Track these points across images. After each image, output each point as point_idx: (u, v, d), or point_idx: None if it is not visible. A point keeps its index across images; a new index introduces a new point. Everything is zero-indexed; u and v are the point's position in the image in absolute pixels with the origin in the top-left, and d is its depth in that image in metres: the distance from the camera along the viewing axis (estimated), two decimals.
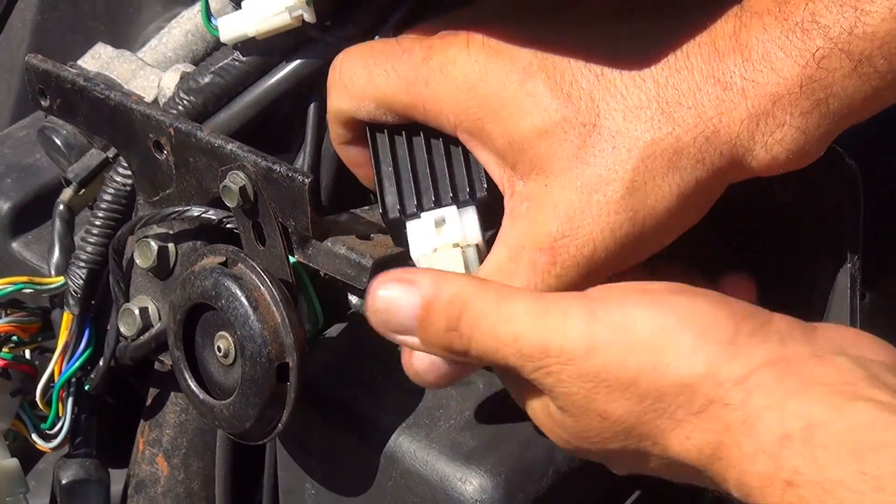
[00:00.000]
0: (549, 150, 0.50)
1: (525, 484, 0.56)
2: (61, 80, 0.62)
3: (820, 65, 0.47)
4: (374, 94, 0.54)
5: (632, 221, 0.49)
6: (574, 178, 0.50)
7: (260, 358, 0.55)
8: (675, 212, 0.50)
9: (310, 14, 0.58)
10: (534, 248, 0.51)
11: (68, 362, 0.66)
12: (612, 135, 0.49)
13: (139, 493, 0.71)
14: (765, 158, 0.49)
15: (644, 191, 0.49)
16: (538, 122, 0.50)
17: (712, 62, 0.48)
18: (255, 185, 0.56)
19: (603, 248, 0.50)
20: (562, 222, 0.50)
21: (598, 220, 0.50)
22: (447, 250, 0.54)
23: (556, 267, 0.50)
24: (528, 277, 0.51)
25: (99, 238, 0.65)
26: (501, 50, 0.52)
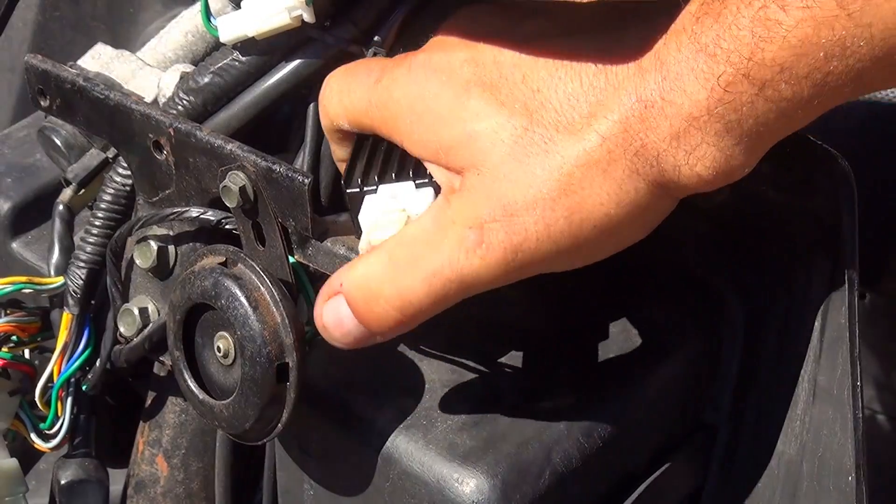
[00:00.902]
0: (482, 149, 0.51)
1: (522, 484, 0.56)
2: (61, 80, 0.62)
3: (726, 89, 0.47)
4: (345, 115, 0.56)
5: (567, 221, 0.50)
6: (509, 172, 0.50)
7: (260, 358, 0.55)
8: (616, 220, 0.50)
9: (309, 14, 0.58)
10: (464, 225, 0.50)
11: (68, 362, 0.66)
12: (545, 140, 0.50)
13: (139, 493, 0.72)
14: (692, 176, 0.49)
15: (581, 195, 0.49)
16: (469, 127, 0.51)
17: (636, 80, 0.49)
18: (254, 185, 0.56)
19: (535, 239, 0.50)
20: (495, 207, 0.50)
21: (532, 212, 0.50)
22: (394, 213, 0.54)
23: (483, 248, 0.50)
24: (452, 252, 0.50)
25: (98, 238, 0.65)
26: (440, 69, 0.53)
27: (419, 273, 0.51)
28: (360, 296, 0.52)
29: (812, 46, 0.45)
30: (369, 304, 0.52)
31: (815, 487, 0.62)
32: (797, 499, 0.63)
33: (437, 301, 0.51)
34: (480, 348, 0.62)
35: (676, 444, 0.65)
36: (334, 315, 0.53)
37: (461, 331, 0.63)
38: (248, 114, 0.62)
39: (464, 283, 0.51)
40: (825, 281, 0.60)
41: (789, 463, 0.64)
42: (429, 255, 0.51)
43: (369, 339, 0.53)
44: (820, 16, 0.44)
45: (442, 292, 0.51)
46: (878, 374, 1.04)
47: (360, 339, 0.53)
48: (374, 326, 0.53)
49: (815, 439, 0.62)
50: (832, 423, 0.61)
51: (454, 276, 0.51)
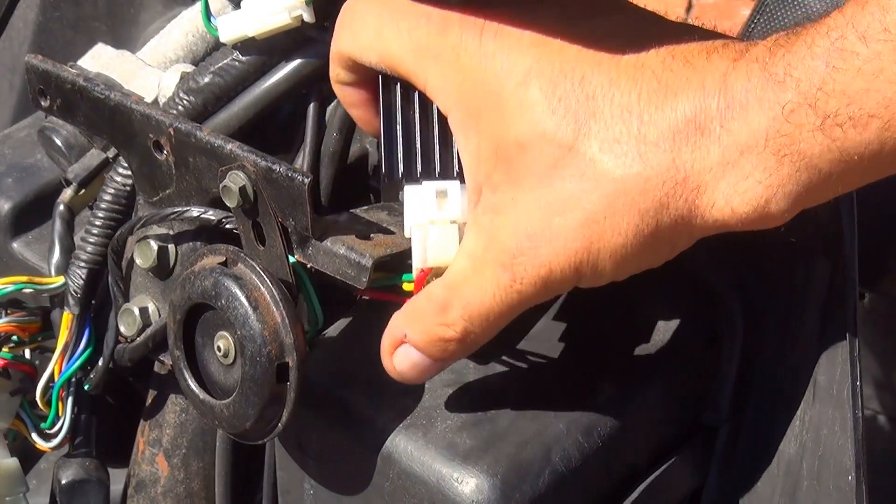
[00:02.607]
0: (525, 165, 0.50)
1: (522, 484, 0.56)
2: (61, 81, 0.62)
3: (788, 119, 0.46)
4: (381, 50, 0.54)
5: (587, 251, 0.50)
6: (540, 197, 0.50)
7: (260, 358, 0.55)
8: (632, 251, 0.50)
9: (309, 14, 0.59)
10: (496, 263, 0.51)
11: (68, 362, 0.66)
12: (584, 162, 0.49)
13: (139, 492, 0.72)
14: (724, 210, 0.49)
15: (603, 224, 0.49)
16: (520, 132, 0.50)
17: (696, 102, 0.48)
18: (254, 184, 0.56)
19: (559, 271, 0.51)
20: (521, 240, 0.51)
21: (554, 244, 0.50)
22: (444, 226, 0.54)
23: (517, 284, 0.51)
24: (494, 291, 0.52)
25: (99, 238, 0.65)
26: (510, 46, 0.51)
27: (475, 316, 0.52)
28: (429, 343, 0.54)
29: (886, 82, 0.44)
30: (441, 347, 0.54)
31: (815, 487, 0.62)
32: (797, 499, 0.63)
33: (490, 331, 0.53)
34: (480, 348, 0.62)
35: (676, 443, 0.65)
36: (407, 362, 0.55)
37: None
38: (248, 114, 0.62)
39: (511, 310, 0.52)
40: (825, 281, 0.60)
41: (789, 463, 0.64)
42: (475, 299, 0.52)
43: (444, 366, 0.56)
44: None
45: (495, 323, 0.53)
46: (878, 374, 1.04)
47: (437, 369, 0.55)
48: (447, 358, 0.55)
49: (815, 439, 0.62)
50: (832, 423, 0.61)
51: (501, 310, 0.52)
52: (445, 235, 0.54)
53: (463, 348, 0.54)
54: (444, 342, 0.53)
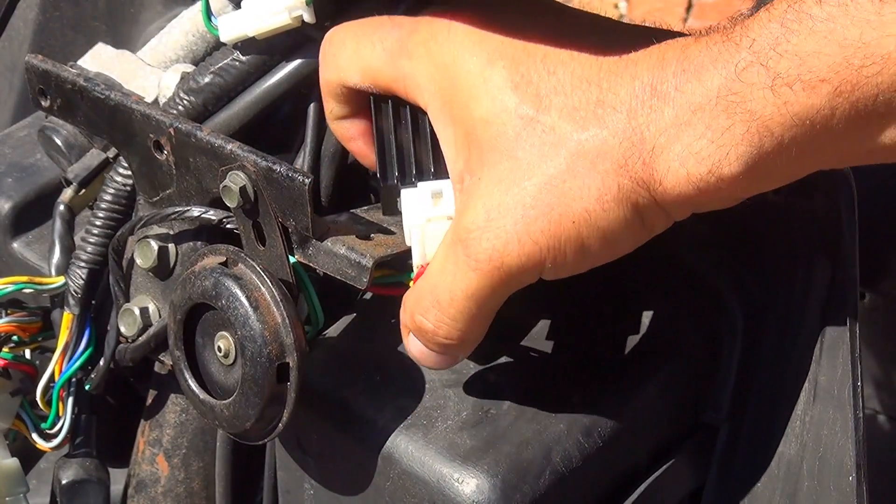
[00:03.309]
0: (490, 141, 0.51)
1: (522, 484, 0.56)
2: (61, 80, 0.62)
3: (740, 77, 0.46)
4: (360, 66, 0.56)
5: (547, 217, 0.49)
6: (502, 172, 0.50)
7: (260, 358, 0.55)
8: (596, 220, 0.49)
9: (309, 14, 0.59)
10: (455, 242, 0.51)
11: (68, 362, 0.66)
12: (543, 130, 0.50)
13: (139, 492, 0.72)
14: (680, 173, 0.48)
15: (562, 188, 0.49)
16: (485, 110, 0.51)
17: (655, 71, 0.49)
18: (255, 185, 0.56)
19: (516, 240, 0.50)
20: (478, 215, 0.50)
21: (512, 213, 0.50)
22: (441, 221, 0.55)
23: (472, 259, 0.51)
24: (454, 272, 0.52)
25: (99, 238, 0.65)
26: (476, 34, 0.53)
27: (441, 301, 0.52)
28: (416, 333, 0.54)
29: (837, 45, 0.45)
30: (426, 338, 0.54)
31: (815, 487, 0.62)
32: (797, 499, 0.63)
33: (472, 319, 0.53)
34: (480, 348, 0.62)
35: (676, 443, 0.65)
36: (416, 348, 0.55)
37: None
38: (248, 114, 0.62)
39: (478, 297, 0.52)
40: (825, 281, 0.60)
41: (789, 463, 0.64)
42: (439, 281, 0.52)
43: (455, 358, 0.56)
44: (854, 14, 0.44)
45: (468, 311, 0.52)
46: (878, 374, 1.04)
47: (449, 360, 0.56)
48: (447, 352, 0.55)
49: (815, 439, 0.62)
50: (832, 423, 0.61)
51: (465, 294, 0.52)
52: (442, 231, 0.55)
53: (445, 340, 0.54)
54: (425, 333, 0.54)
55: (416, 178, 0.56)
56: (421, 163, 0.57)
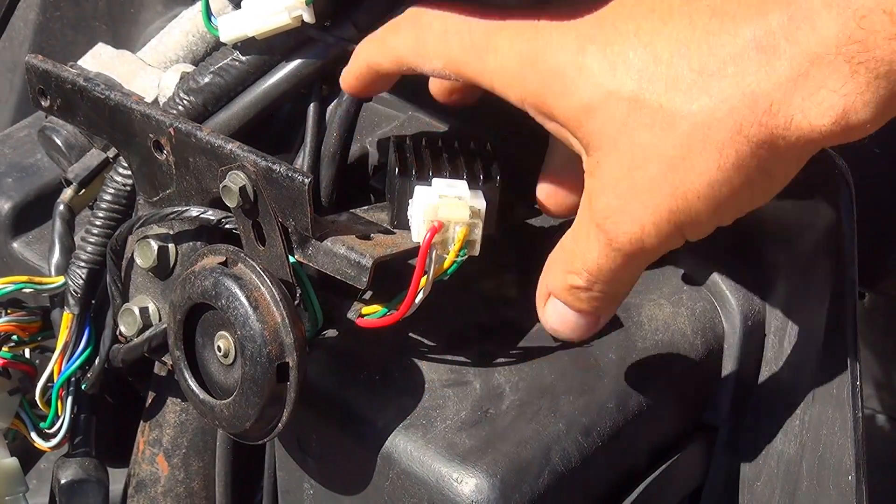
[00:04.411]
0: (597, 127, 0.50)
1: (521, 484, 0.56)
2: (61, 81, 0.62)
3: (860, 24, 0.44)
4: (446, 55, 0.55)
5: (673, 198, 0.49)
6: (620, 155, 0.50)
7: (260, 358, 0.55)
8: (722, 189, 0.49)
9: (309, 14, 0.59)
10: (593, 224, 0.52)
11: (68, 362, 0.66)
12: (652, 109, 0.49)
13: (139, 492, 0.72)
14: (803, 125, 0.46)
15: (683, 167, 0.48)
16: (585, 98, 0.50)
17: (756, 23, 0.46)
18: (254, 184, 0.56)
19: (652, 225, 0.50)
20: (610, 200, 0.51)
21: (642, 198, 0.50)
22: (453, 200, 0.56)
23: (614, 243, 0.51)
24: (598, 252, 0.52)
25: (99, 238, 0.65)
26: (564, 23, 0.52)
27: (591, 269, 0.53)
28: (564, 291, 0.54)
29: None
30: (575, 295, 0.54)
31: (815, 487, 0.62)
32: (797, 498, 0.63)
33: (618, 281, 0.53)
34: (480, 348, 0.62)
35: (676, 443, 0.65)
36: (556, 315, 0.56)
37: (461, 331, 0.63)
38: (248, 114, 0.62)
39: (624, 267, 0.52)
40: (825, 281, 0.60)
41: (789, 463, 0.64)
42: (587, 254, 0.52)
43: (596, 323, 0.56)
44: None
45: (615, 279, 0.53)
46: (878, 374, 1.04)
47: (588, 326, 0.56)
48: (591, 311, 0.55)
49: (815, 439, 0.62)
50: (832, 423, 0.61)
51: (611, 268, 0.52)
52: (455, 202, 0.56)
53: (598, 301, 0.54)
54: (576, 290, 0.54)
55: (432, 173, 0.58)
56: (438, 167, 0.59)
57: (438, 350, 0.61)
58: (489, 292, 0.65)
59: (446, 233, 0.56)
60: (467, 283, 0.64)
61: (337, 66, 0.61)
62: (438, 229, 0.55)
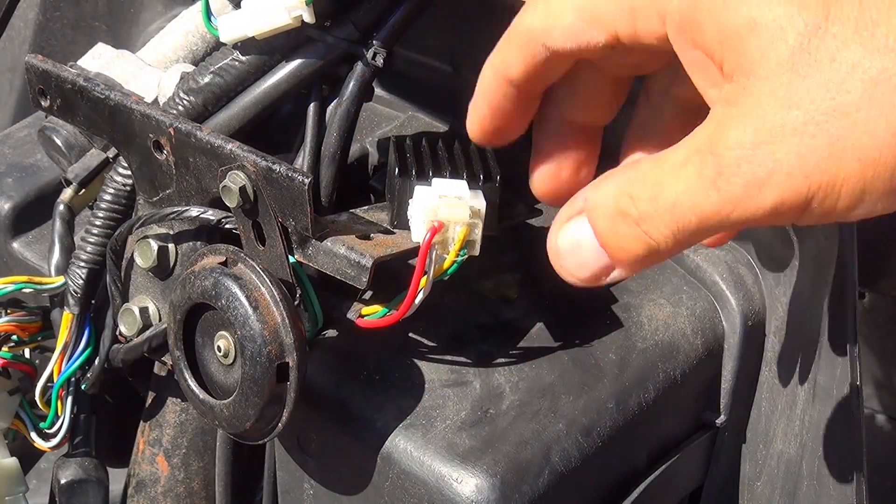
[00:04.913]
0: (759, 49, 0.42)
1: (521, 484, 0.56)
2: (61, 81, 0.62)
3: None
4: (577, 3, 0.47)
5: (829, 149, 0.41)
6: (778, 86, 0.42)
7: (260, 358, 0.55)
8: (883, 159, 0.41)
9: (309, 14, 0.59)
10: (706, 152, 0.43)
11: (68, 362, 0.66)
12: (835, 45, 0.41)
13: (139, 492, 0.72)
14: None
15: (854, 118, 0.41)
16: (754, 12, 0.42)
17: None
18: (254, 184, 0.56)
19: (784, 172, 0.41)
20: (745, 132, 0.42)
21: (788, 139, 0.41)
22: (453, 200, 0.56)
23: (721, 179, 0.42)
24: (690, 181, 0.43)
25: (99, 238, 0.65)
26: None
27: (661, 201, 0.44)
28: (604, 213, 0.46)
29: None
30: (614, 223, 0.45)
31: (815, 487, 0.62)
32: (797, 499, 0.63)
33: (679, 235, 0.44)
34: (480, 348, 0.62)
35: (676, 443, 0.65)
36: (572, 238, 0.47)
37: (461, 331, 0.63)
38: (248, 114, 0.62)
39: (703, 219, 0.43)
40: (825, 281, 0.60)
41: (789, 463, 0.64)
42: (669, 182, 0.44)
43: (605, 272, 0.47)
44: None
45: (683, 226, 0.44)
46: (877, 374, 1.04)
47: (596, 271, 0.47)
48: (616, 253, 0.46)
49: (815, 439, 0.62)
50: (832, 423, 0.61)
51: (691, 209, 0.43)
52: (455, 202, 0.56)
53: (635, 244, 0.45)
54: (621, 218, 0.45)
55: (431, 173, 0.58)
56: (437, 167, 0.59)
57: (438, 350, 0.61)
58: (489, 292, 0.65)
59: (446, 233, 0.55)
60: (467, 283, 0.64)
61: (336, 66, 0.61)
62: (438, 229, 0.55)
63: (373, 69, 0.61)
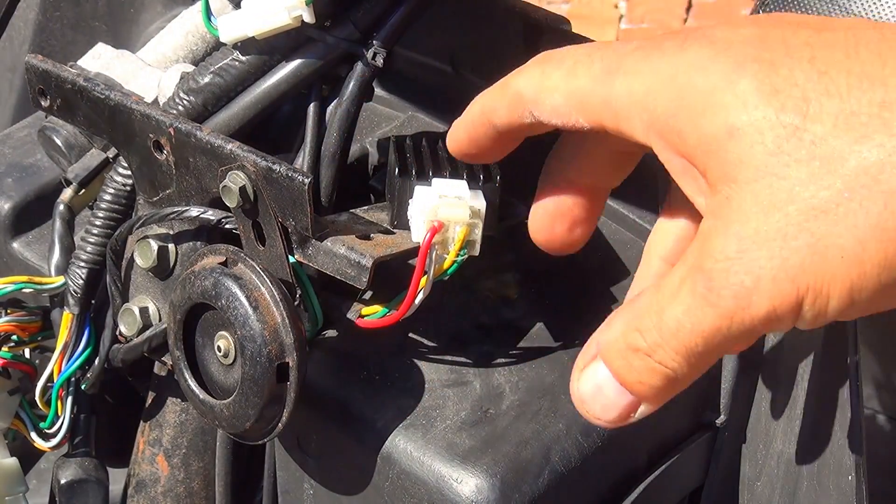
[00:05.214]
0: (739, 154, 0.42)
1: (521, 484, 0.56)
2: (61, 81, 0.62)
3: None
4: (568, 87, 0.47)
5: (811, 250, 0.40)
6: (759, 191, 0.41)
7: (260, 358, 0.55)
8: (869, 251, 0.40)
9: (309, 14, 0.59)
10: (697, 269, 0.42)
11: (68, 362, 0.66)
12: (812, 142, 0.40)
13: (139, 492, 0.72)
14: None
15: (833, 215, 0.40)
16: (732, 118, 0.42)
17: None
18: (254, 184, 0.56)
19: (770, 279, 0.41)
20: (729, 243, 0.41)
21: (770, 244, 0.40)
22: (452, 200, 0.56)
23: (713, 294, 0.42)
24: (689, 303, 0.42)
25: (99, 238, 0.65)
26: (719, 40, 0.43)
27: (665, 328, 0.44)
28: (617, 352, 0.45)
29: None
30: (627, 359, 0.45)
31: (815, 487, 0.62)
32: (797, 499, 0.63)
33: (690, 359, 0.44)
34: (480, 348, 0.62)
35: (676, 443, 0.65)
36: (593, 383, 0.46)
37: (461, 331, 0.63)
38: (248, 114, 0.62)
39: (706, 338, 0.43)
40: None
41: (789, 463, 0.64)
42: (670, 307, 0.43)
43: (632, 409, 0.47)
44: None
45: (691, 349, 0.43)
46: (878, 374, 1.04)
47: (622, 410, 0.46)
48: (637, 388, 0.45)
49: (815, 439, 0.62)
50: (832, 423, 0.61)
51: (693, 330, 0.43)
52: (455, 202, 0.56)
53: (652, 376, 0.45)
54: (634, 354, 0.45)
55: (432, 173, 0.58)
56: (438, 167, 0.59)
57: (438, 350, 0.61)
58: (489, 292, 0.65)
59: (446, 233, 0.56)
60: (467, 283, 0.64)
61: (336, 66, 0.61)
62: (438, 229, 0.55)
63: (373, 69, 0.61)
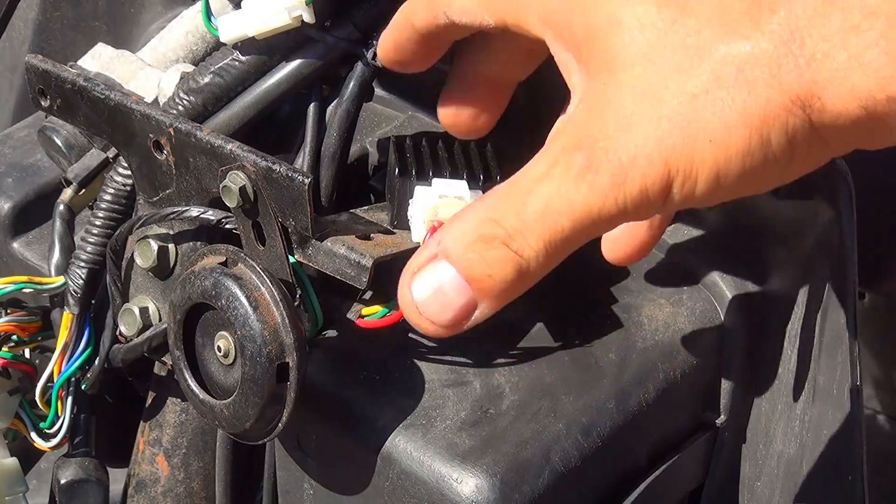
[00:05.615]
0: (620, 44, 0.44)
1: (521, 484, 0.56)
2: (61, 81, 0.62)
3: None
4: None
5: (682, 132, 0.42)
6: (635, 78, 0.44)
7: (260, 358, 0.55)
8: (735, 137, 0.42)
9: (309, 14, 0.59)
10: (573, 149, 0.44)
11: (68, 362, 0.66)
12: (686, 34, 0.43)
13: (139, 492, 0.72)
14: (843, 87, 0.41)
15: (704, 100, 0.42)
16: (616, 11, 0.44)
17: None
18: (254, 184, 0.56)
19: (645, 156, 0.43)
20: (607, 123, 0.43)
21: (645, 126, 0.43)
22: (452, 200, 0.56)
23: (591, 172, 0.43)
24: (561, 181, 0.44)
25: (99, 238, 0.65)
26: None
27: (529, 211, 0.44)
28: (466, 244, 0.45)
29: None
30: (479, 250, 0.45)
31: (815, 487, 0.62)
32: (797, 499, 0.63)
33: (550, 246, 0.44)
34: (480, 348, 0.62)
35: (676, 443, 0.65)
36: (433, 283, 0.45)
37: None
38: (248, 114, 0.62)
39: (575, 220, 0.44)
40: (825, 281, 0.60)
41: (789, 463, 0.64)
42: (537, 190, 0.44)
43: (469, 310, 0.46)
44: None
45: (556, 233, 0.44)
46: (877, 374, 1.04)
47: (463, 310, 0.46)
48: (483, 283, 0.45)
49: (815, 439, 0.62)
50: (832, 423, 0.61)
51: (565, 210, 0.44)
52: (455, 202, 0.56)
53: (505, 267, 0.44)
54: (486, 243, 0.44)
55: (430, 175, 0.58)
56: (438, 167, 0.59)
57: (438, 350, 0.61)
58: None
59: None
60: None
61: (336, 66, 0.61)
62: (436, 230, 0.55)
63: (373, 69, 0.61)
